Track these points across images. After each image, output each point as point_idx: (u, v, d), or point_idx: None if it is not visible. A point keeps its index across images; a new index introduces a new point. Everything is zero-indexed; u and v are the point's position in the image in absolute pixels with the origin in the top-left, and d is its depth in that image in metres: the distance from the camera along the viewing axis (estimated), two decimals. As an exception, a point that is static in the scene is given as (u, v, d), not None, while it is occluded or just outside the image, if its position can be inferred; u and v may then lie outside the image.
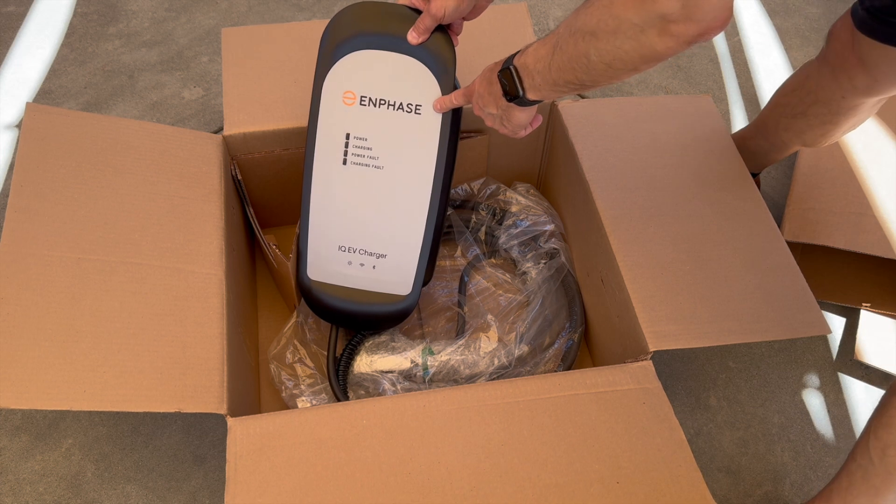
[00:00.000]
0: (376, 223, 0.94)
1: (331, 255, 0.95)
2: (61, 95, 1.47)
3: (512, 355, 1.00)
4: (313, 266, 0.96)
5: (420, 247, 0.95)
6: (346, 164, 0.91)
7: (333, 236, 0.94)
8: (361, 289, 0.96)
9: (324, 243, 0.94)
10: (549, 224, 1.12)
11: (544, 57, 0.70)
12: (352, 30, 0.87)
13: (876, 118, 1.27)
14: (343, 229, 0.94)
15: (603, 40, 0.61)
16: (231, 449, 0.73)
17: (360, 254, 0.95)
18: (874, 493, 0.77)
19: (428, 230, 0.94)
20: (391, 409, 0.77)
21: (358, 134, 0.90)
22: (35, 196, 0.85)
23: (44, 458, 0.99)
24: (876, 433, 0.74)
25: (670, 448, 0.77)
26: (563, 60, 0.67)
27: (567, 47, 0.66)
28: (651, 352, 0.83)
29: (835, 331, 1.19)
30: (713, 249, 0.93)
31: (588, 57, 0.64)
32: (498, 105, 0.79)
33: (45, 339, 0.75)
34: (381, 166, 0.91)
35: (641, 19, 0.58)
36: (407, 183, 0.92)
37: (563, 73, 0.68)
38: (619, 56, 0.62)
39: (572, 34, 0.65)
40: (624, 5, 0.58)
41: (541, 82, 0.72)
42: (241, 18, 1.65)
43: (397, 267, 0.95)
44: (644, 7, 0.57)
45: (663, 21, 0.56)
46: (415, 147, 0.91)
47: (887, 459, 0.73)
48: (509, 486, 0.73)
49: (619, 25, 0.59)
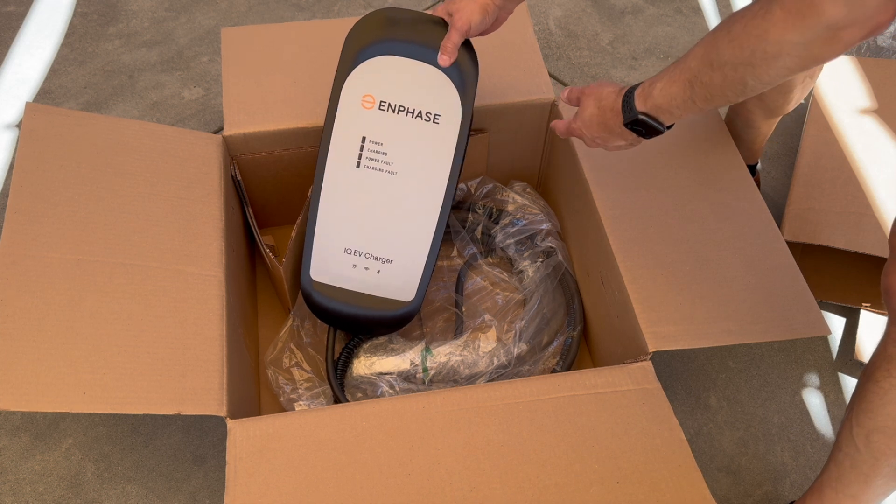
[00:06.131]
0: (385, 228, 0.93)
1: (336, 256, 0.94)
2: (61, 95, 1.47)
3: (511, 354, 1.00)
4: (316, 267, 0.95)
5: (427, 254, 0.94)
6: (360, 168, 0.91)
7: (340, 238, 0.94)
8: (364, 293, 0.95)
9: (329, 244, 0.94)
10: (546, 223, 1.12)
11: (679, 94, 0.70)
12: (378, 34, 0.87)
13: (876, 118, 1.27)
14: (350, 232, 0.93)
15: (762, 67, 0.61)
16: (231, 451, 0.73)
17: (365, 257, 0.94)
18: (864, 481, 0.77)
19: (436, 238, 0.94)
20: (391, 410, 0.77)
21: (374, 138, 0.90)
22: (35, 197, 0.85)
23: (44, 458, 1.00)
24: (857, 420, 0.74)
25: (670, 448, 0.77)
26: (709, 93, 0.67)
27: (712, 80, 0.66)
28: (651, 352, 0.83)
29: (835, 331, 1.19)
30: (713, 249, 0.93)
31: (745, 84, 0.64)
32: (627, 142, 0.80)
33: (44, 341, 0.76)
34: (394, 172, 0.91)
35: (806, 37, 0.57)
36: (419, 190, 0.92)
37: (712, 102, 0.68)
38: (780, 74, 0.61)
39: (716, 68, 0.65)
40: (783, 29, 0.57)
41: (681, 113, 0.72)
42: (241, 18, 1.65)
43: (402, 273, 0.95)
44: (807, 24, 0.56)
45: (830, 30, 0.55)
46: (430, 155, 0.91)
47: (872, 445, 0.74)
48: (509, 486, 0.73)
49: (780, 49, 0.59)
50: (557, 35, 1.66)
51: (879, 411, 0.72)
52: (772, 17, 0.58)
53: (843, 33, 0.55)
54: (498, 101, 1.06)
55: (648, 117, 0.74)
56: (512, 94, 1.07)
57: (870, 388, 0.72)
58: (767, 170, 1.41)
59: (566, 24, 1.69)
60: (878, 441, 0.73)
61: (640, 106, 0.74)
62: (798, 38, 0.57)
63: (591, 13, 1.72)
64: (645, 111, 0.74)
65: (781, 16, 0.57)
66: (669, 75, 0.70)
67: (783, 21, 0.57)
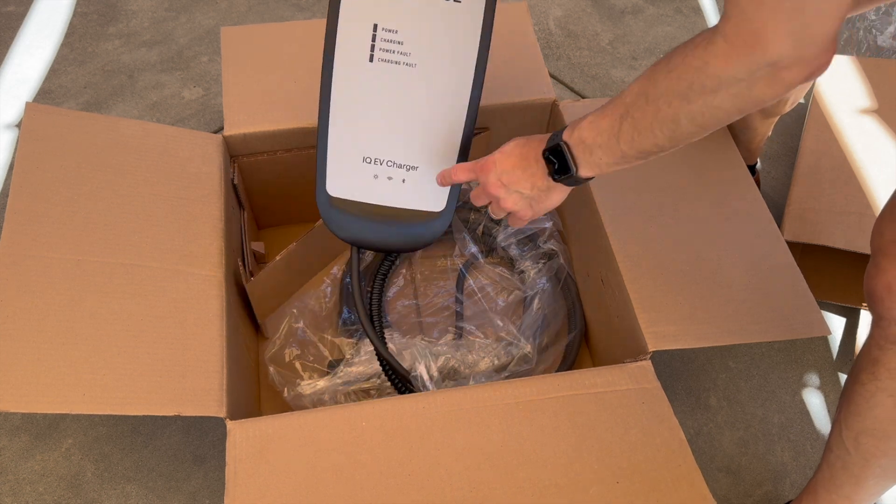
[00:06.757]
0: (407, 130, 0.83)
1: (354, 167, 0.84)
2: (61, 95, 1.47)
3: (511, 354, 1.00)
4: (334, 181, 0.84)
5: (457, 156, 0.84)
6: (374, 62, 0.80)
7: (357, 146, 0.83)
8: (389, 205, 0.85)
9: (346, 154, 0.83)
10: (548, 221, 1.12)
11: (607, 129, 0.65)
12: None
13: (876, 118, 1.27)
14: (368, 138, 0.83)
15: (697, 103, 0.57)
16: (230, 452, 0.73)
17: (387, 166, 0.84)
18: (856, 482, 0.78)
19: (466, 136, 0.83)
20: (390, 410, 0.77)
21: (387, 25, 0.79)
22: (34, 197, 0.85)
23: (44, 458, 1.00)
24: (846, 422, 0.74)
25: (670, 448, 0.77)
26: (636, 131, 0.63)
27: (643, 116, 0.62)
28: (651, 352, 0.83)
29: (835, 331, 1.19)
30: (713, 249, 0.93)
31: (677, 122, 0.60)
32: (535, 185, 0.73)
33: (44, 342, 0.76)
34: (413, 63, 0.80)
35: (746, 73, 0.54)
36: (444, 82, 0.81)
37: (637, 143, 0.63)
38: (715, 115, 0.58)
39: (650, 101, 0.60)
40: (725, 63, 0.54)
41: (603, 156, 0.67)
42: (241, 18, 1.65)
43: (431, 180, 0.85)
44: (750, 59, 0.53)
45: (773, 68, 0.53)
46: (453, 41, 0.80)
47: (861, 447, 0.74)
48: (509, 487, 0.73)
49: (718, 84, 0.55)
50: (557, 35, 1.66)
51: (867, 414, 0.72)
52: (714, 49, 0.55)
53: (785, 73, 0.53)
54: (498, 101, 1.06)
55: (567, 148, 0.68)
56: (512, 94, 1.07)
57: (856, 390, 0.72)
58: (767, 170, 1.41)
59: (566, 24, 1.69)
60: (867, 443, 0.73)
61: (566, 135, 0.69)
62: (739, 74, 0.54)
63: (591, 13, 1.72)
64: (567, 141, 0.68)
65: (724, 48, 0.54)
66: (603, 109, 0.66)
67: (725, 54, 0.54)
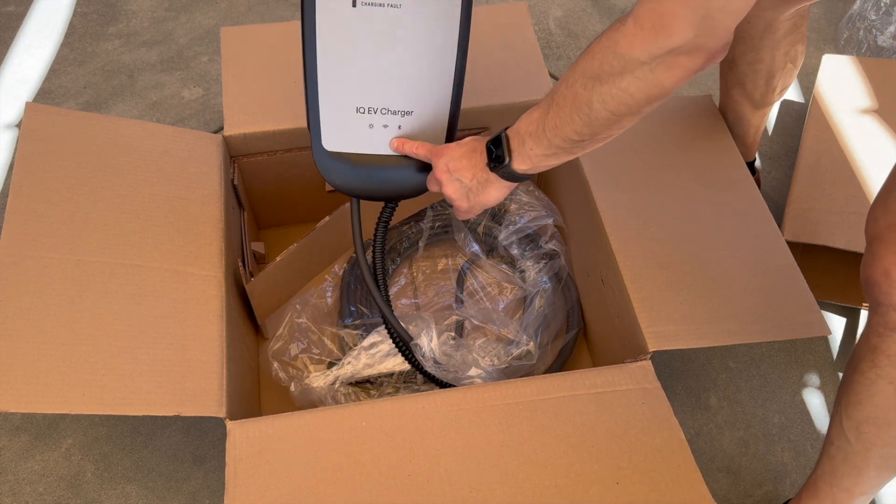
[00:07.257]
0: (398, 75, 0.81)
1: (348, 119, 0.82)
2: (61, 95, 1.47)
3: (511, 353, 1.00)
4: (329, 136, 0.83)
5: (451, 97, 0.83)
6: (357, 6, 0.77)
7: (349, 96, 0.81)
8: (388, 153, 0.85)
9: (338, 106, 0.82)
10: (549, 218, 1.11)
11: (537, 119, 0.67)
12: None
13: (876, 118, 1.27)
14: (359, 87, 0.81)
15: (607, 84, 0.59)
16: (230, 452, 0.73)
17: (381, 113, 0.83)
18: (857, 473, 0.77)
19: (458, 75, 0.82)
20: (390, 410, 0.77)
21: None
22: (34, 197, 0.85)
23: (43, 458, 1.00)
24: (847, 412, 0.74)
25: (670, 448, 0.77)
26: (559, 117, 0.64)
27: (564, 101, 0.63)
28: (651, 352, 0.83)
29: (835, 331, 1.19)
30: (713, 249, 0.93)
31: (590, 106, 0.61)
32: (475, 175, 0.75)
33: (44, 342, 0.76)
34: (397, 4, 0.78)
35: (651, 56, 0.55)
36: (431, 22, 0.79)
37: (560, 130, 0.64)
38: (624, 100, 0.59)
39: (570, 85, 0.62)
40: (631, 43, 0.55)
41: (533, 146, 0.68)
42: (241, 18, 1.65)
43: (427, 123, 0.84)
44: (654, 43, 0.54)
45: (672, 54, 0.54)
46: None
47: (863, 437, 0.74)
48: (508, 487, 0.73)
49: (624, 66, 0.57)
50: (557, 35, 1.66)
51: (868, 402, 0.72)
52: (624, 30, 0.56)
53: (684, 59, 0.54)
54: (498, 101, 1.06)
55: (506, 139, 0.70)
56: (512, 94, 1.07)
57: (856, 379, 0.72)
58: (767, 170, 1.41)
59: (566, 24, 1.69)
60: (869, 432, 0.73)
61: (509, 129, 0.71)
62: (641, 56, 0.55)
63: (591, 13, 1.72)
64: (507, 133, 0.70)
65: (632, 30, 0.55)
66: (540, 101, 0.67)
67: (632, 35, 0.55)
